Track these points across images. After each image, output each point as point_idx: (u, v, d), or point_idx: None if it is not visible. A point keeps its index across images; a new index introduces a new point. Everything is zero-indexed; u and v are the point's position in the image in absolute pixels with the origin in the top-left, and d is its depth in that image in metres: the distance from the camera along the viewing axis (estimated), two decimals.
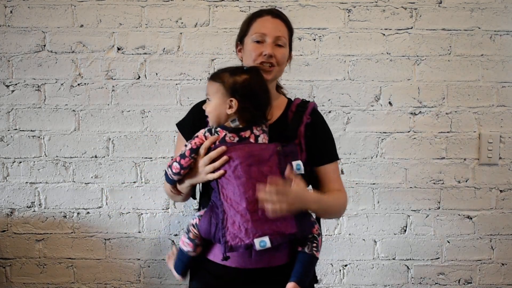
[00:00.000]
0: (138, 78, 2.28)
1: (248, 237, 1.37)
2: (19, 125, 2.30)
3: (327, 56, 2.28)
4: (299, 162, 1.46)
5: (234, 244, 1.38)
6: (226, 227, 1.40)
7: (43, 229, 2.34)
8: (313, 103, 1.63)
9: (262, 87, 1.48)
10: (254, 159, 1.41)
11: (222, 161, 1.42)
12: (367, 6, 2.27)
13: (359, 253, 2.36)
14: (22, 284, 2.36)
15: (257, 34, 1.55)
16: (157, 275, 2.36)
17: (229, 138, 1.45)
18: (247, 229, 1.37)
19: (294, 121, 1.57)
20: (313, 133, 1.58)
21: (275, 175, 1.39)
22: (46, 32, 2.26)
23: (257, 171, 1.40)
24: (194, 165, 1.48)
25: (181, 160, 1.47)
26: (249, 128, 1.46)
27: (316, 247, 1.48)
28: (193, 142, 1.48)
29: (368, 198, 2.33)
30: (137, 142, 2.30)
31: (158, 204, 2.33)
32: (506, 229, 2.36)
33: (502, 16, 2.27)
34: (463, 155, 2.32)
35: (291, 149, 1.47)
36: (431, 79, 2.29)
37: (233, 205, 1.40)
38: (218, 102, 1.46)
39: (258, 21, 1.58)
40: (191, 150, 1.47)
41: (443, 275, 2.37)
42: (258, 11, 1.62)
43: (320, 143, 1.60)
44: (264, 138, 1.47)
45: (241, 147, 1.42)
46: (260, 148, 1.43)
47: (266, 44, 1.54)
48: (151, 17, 2.26)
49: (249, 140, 1.45)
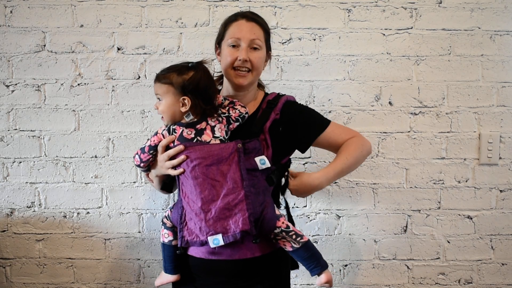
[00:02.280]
0: (138, 78, 2.28)
1: (202, 234, 1.44)
2: (19, 125, 2.30)
3: (327, 56, 2.28)
4: (262, 157, 1.51)
5: (190, 239, 1.46)
6: (184, 221, 1.47)
7: (43, 229, 2.34)
8: (286, 97, 1.67)
9: (209, 81, 1.53)
10: (213, 159, 1.46)
11: (180, 159, 1.49)
12: (367, 6, 2.27)
13: (359, 253, 2.36)
14: (22, 284, 2.36)
15: (232, 38, 1.60)
16: (157, 275, 2.35)
17: (186, 133, 1.51)
18: (200, 227, 1.44)
19: (261, 118, 1.61)
20: (288, 124, 1.62)
21: (235, 173, 1.46)
22: (46, 32, 2.26)
23: (216, 170, 1.45)
24: (154, 159, 1.57)
25: (141, 154, 1.58)
26: (204, 120, 1.52)
27: (296, 235, 1.52)
28: (152, 139, 1.56)
29: (368, 198, 2.33)
30: (137, 142, 2.30)
31: (158, 204, 2.33)
32: (506, 229, 2.36)
33: (502, 16, 2.27)
34: (463, 155, 2.32)
35: (254, 145, 1.51)
36: (431, 79, 2.29)
37: (190, 203, 1.47)
38: (170, 102, 1.51)
39: (233, 25, 1.62)
40: (150, 147, 1.56)
41: (443, 275, 2.37)
42: (233, 15, 1.66)
43: (303, 124, 1.65)
44: (220, 128, 1.52)
45: (200, 147, 1.48)
46: (219, 148, 1.48)
47: (241, 49, 1.58)
48: (151, 17, 2.26)
49: (206, 131, 1.51)
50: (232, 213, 1.43)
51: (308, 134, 1.67)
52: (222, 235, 1.42)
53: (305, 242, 1.52)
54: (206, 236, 1.43)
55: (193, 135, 1.51)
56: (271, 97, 1.68)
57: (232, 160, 1.47)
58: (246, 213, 1.43)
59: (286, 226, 1.52)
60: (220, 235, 1.42)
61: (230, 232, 1.43)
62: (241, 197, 1.44)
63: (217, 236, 1.42)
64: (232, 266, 1.53)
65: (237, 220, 1.43)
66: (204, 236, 1.43)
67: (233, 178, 1.45)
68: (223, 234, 1.43)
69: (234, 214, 1.43)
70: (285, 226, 1.52)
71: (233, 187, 1.45)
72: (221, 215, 1.43)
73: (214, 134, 1.51)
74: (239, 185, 1.45)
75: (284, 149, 1.65)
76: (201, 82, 1.50)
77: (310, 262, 1.54)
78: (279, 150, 1.61)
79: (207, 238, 1.43)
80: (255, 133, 1.57)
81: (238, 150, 1.48)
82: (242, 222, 1.42)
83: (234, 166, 1.46)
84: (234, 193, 1.44)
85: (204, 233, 1.43)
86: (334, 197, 2.33)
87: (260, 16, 1.68)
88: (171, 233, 1.59)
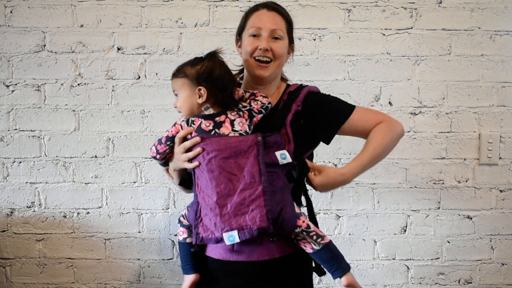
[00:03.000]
0: (138, 78, 2.28)
1: (217, 231, 1.38)
2: (19, 125, 2.30)
3: (327, 56, 2.28)
4: (283, 151, 1.44)
5: (205, 236, 1.40)
6: (200, 217, 1.41)
7: (43, 229, 2.34)
8: (308, 88, 1.59)
9: (224, 69, 1.49)
10: (231, 151, 1.40)
11: (195, 152, 1.43)
12: (367, 6, 2.27)
13: (359, 253, 2.36)
14: (22, 284, 2.36)
15: (253, 28, 1.55)
16: (157, 275, 2.36)
17: (205, 125, 1.46)
18: (215, 223, 1.38)
19: (282, 110, 1.54)
20: (311, 116, 1.55)
21: (253, 167, 1.39)
22: (46, 32, 2.26)
23: (233, 163, 1.39)
24: (171, 152, 1.52)
25: (158, 145, 1.53)
26: (223, 113, 1.47)
27: (317, 235, 1.45)
28: (169, 130, 1.51)
29: (368, 198, 2.33)
30: (137, 142, 2.30)
31: (158, 204, 2.33)
32: (506, 229, 2.35)
33: (502, 16, 2.27)
34: (463, 155, 2.32)
35: (275, 139, 1.45)
36: (431, 79, 2.29)
37: (205, 198, 1.40)
38: (186, 95, 1.48)
39: (254, 15, 1.57)
40: (167, 138, 1.51)
41: (443, 275, 2.37)
42: (255, 6, 1.61)
43: (325, 114, 1.57)
44: (241, 122, 1.46)
45: (218, 139, 1.42)
46: (238, 140, 1.42)
47: (262, 38, 1.53)
48: (151, 17, 2.26)
49: (225, 124, 1.45)
50: (249, 209, 1.36)
51: (330, 124, 1.58)
52: (238, 231, 1.35)
53: (326, 243, 1.45)
54: (221, 232, 1.36)
55: (211, 127, 1.45)
56: (292, 88, 1.60)
57: (251, 153, 1.40)
58: (264, 210, 1.35)
59: (307, 225, 1.45)
60: (235, 232, 1.35)
61: (246, 229, 1.35)
62: (259, 193, 1.36)
63: (233, 232, 1.35)
64: (251, 267, 1.46)
65: (254, 216, 1.35)
66: (219, 233, 1.36)
67: (251, 172, 1.38)
68: (239, 231, 1.35)
69: (251, 210, 1.35)
70: (306, 225, 1.44)
71: (251, 182, 1.37)
72: (237, 211, 1.36)
73: (234, 128, 1.45)
74: (257, 179, 1.37)
75: (306, 142, 1.57)
76: (215, 70, 1.45)
77: (331, 265, 1.47)
78: (301, 143, 1.53)
79: (222, 235, 1.36)
80: (276, 126, 1.50)
81: (258, 143, 1.41)
82: (259, 219, 1.35)
83: (252, 160, 1.39)
84: (251, 188, 1.37)
85: (219, 229, 1.36)
86: (334, 197, 2.33)
87: (282, 7, 1.62)
88: (186, 230, 1.54)
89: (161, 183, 2.31)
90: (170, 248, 2.34)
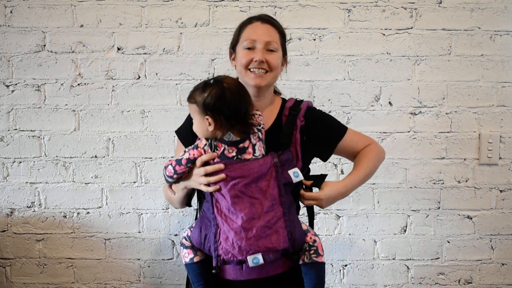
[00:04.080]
0: (138, 78, 2.28)
1: (241, 254, 1.38)
2: (19, 125, 2.30)
3: (327, 56, 2.28)
4: (296, 170, 1.46)
5: (226, 258, 1.40)
6: (219, 241, 1.40)
7: (43, 229, 2.34)
8: (306, 103, 1.61)
9: (232, 96, 1.43)
10: (253, 177, 1.41)
11: (218, 178, 1.42)
12: (367, 6, 2.27)
13: (359, 253, 2.36)
14: (22, 284, 2.36)
15: (248, 40, 1.54)
16: (157, 275, 2.36)
17: (228, 151, 1.44)
18: (240, 246, 1.38)
19: (287, 126, 1.55)
20: (311, 131, 1.57)
21: (274, 189, 1.41)
22: (46, 32, 2.26)
23: (255, 187, 1.40)
24: (189, 172, 1.49)
25: (177, 166, 1.48)
26: (247, 138, 1.45)
27: (315, 252, 1.47)
28: (191, 152, 1.47)
29: (368, 198, 2.33)
30: (137, 142, 2.30)
31: (158, 204, 2.33)
32: (506, 229, 2.35)
33: (502, 16, 2.27)
34: (463, 155, 2.32)
35: (287, 157, 1.46)
36: (431, 79, 2.29)
37: (228, 221, 1.40)
38: (198, 121, 1.46)
39: (248, 28, 1.57)
40: (188, 160, 1.47)
41: (443, 275, 2.37)
42: (248, 19, 1.61)
43: (324, 131, 1.60)
44: (260, 146, 1.46)
45: (240, 166, 1.42)
46: (259, 165, 1.42)
47: (256, 50, 1.53)
48: (151, 17, 2.26)
49: (248, 150, 1.44)
50: (273, 231, 1.38)
51: (329, 141, 1.62)
52: (263, 254, 1.37)
53: (317, 262, 1.47)
54: (245, 255, 1.38)
55: (235, 153, 1.44)
56: (290, 103, 1.61)
57: (271, 176, 1.41)
58: (285, 231, 1.39)
59: (313, 241, 1.48)
60: (260, 254, 1.37)
61: (271, 251, 1.38)
62: (280, 215, 1.40)
63: (257, 255, 1.37)
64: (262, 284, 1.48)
65: (278, 238, 1.38)
66: (243, 255, 1.38)
67: (272, 194, 1.40)
68: (264, 253, 1.37)
69: (275, 232, 1.38)
70: (312, 241, 1.47)
71: (272, 204, 1.40)
72: (262, 234, 1.38)
73: (254, 153, 1.45)
74: (277, 202, 1.40)
75: (308, 159, 1.61)
76: (219, 98, 1.41)
77: (309, 281, 1.48)
78: (305, 160, 1.57)
79: (246, 257, 1.38)
80: (285, 144, 1.51)
81: (276, 165, 1.43)
82: (282, 240, 1.38)
83: (272, 182, 1.41)
84: (273, 211, 1.39)
85: (244, 252, 1.38)
86: None
87: (276, 19, 1.63)
88: (190, 251, 1.51)
89: (161, 183, 2.31)
90: (170, 248, 2.34)
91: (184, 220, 2.33)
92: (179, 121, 2.28)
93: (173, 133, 2.28)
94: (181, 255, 1.55)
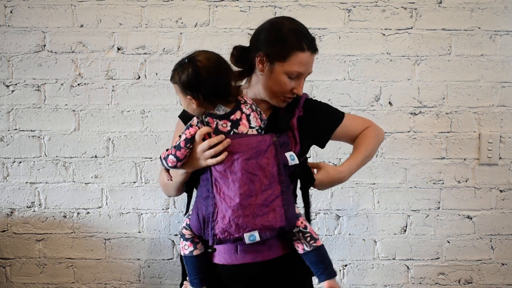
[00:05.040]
0: (138, 78, 2.28)
1: (238, 232, 1.38)
2: (19, 125, 2.30)
3: (327, 56, 2.28)
4: (291, 153, 1.47)
5: (223, 237, 1.40)
6: (216, 220, 1.40)
7: (43, 229, 2.34)
8: (305, 95, 1.63)
9: (205, 72, 1.40)
10: (252, 152, 1.40)
11: (225, 143, 1.40)
12: (367, 6, 2.27)
13: (359, 253, 2.36)
14: (22, 284, 2.36)
15: (296, 72, 1.50)
16: (157, 275, 2.36)
17: (221, 126, 1.43)
18: (237, 224, 1.38)
19: (286, 113, 1.57)
20: (309, 120, 1.59)
21: (273, 167, 1.41)
22: (46, 32, 2.26)
23: (255, 164, 1.40)
24: (190, 155, 1.46)
25: (177, 152, 1.45)
26: (238, 109, 1.44)
27: (311, 238, 1.47)
28: (187, 132, 1.45)
29: (368, 198, 2.33)
30: (137, 142, 2.30)
31: (158, 204, 2.33)
32: (506, 229, 2.36)
33: (502, 16, 2.27)
34: (463, 155, 2.32)
35: (284, 140, 1.48)
36: (431, 79, 2.29)
37: (226, 199, 1.40)
38: (183, 101, 1.46)
39: (299, 56, 1.48)
40: (186, 140, 1.44)
41: (443, 275, 2.37)
42: (303, 42, 1.50)
43: (321, 119, 1.63)
44: (255, 117, 1.46)
45: (239, 141, 1.41)
46: (258, 140, 1.42)
47: (299, 82, 1.53)
48: (151, 17, 2.26)
49: (242, 121, 1.44)
50: (269, 209, 1.39)
51: (326, 129, 1.65)
52: (259, 231, 1.38)
53: (317, 246, 1.48)
54: (242, 232, 1.38)
55: (229, 127, 1.44)
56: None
57: (271, 153, 1.42)
58: (282, 209, 1.40)
59: (304, 226, 1.47)
60: (256, 232, 1.38)
61: (267, 229, 1.38)
62: (278, 193, 1.40)
63: (254, 232, 1.37)
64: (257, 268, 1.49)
65: (275, 216, 1.39)
66: (240, 233, 1.38)
67: (271, 172, 1.40)
68: (260, 231, 1.38)
69: (272, 210, 1.39)
70: (303, 226, 1.47)
71: (270, 182, 1.40)
72: (258, 212, 1.38)
73: (250, 124, 1.45)
74: (276, 180, 1.41)
75: (307, 147, 1.63)
76: (195, 78, 1.40)
77: (317, 268, 1.49)
78: (304, 148, 1.59)
79: (243, 235, 1.38)
80: (283, 128, 1.53)
81: (275, 143, 1.43)
82: (279, 218, 1.39)
83: (272, 160, 1.41)
84: (271, 189, 1.40)
85: (241, 230, 1.38)
86: (334, 197, 2.33)
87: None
88: (190, 243, 1.50)
89: None
90: (170, 248, 2.34)
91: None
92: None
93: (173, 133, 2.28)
94: (179, 246, 1.54)
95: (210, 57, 1.44)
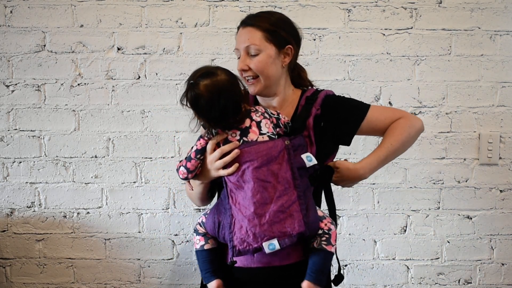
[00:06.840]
0: (138, 78, 2.28)
1: (256, 241, 1.35)
2: (19, 125, 2.30)
3: (327, 56, 2.28)
4: (308, 154, 1.42)
5: (242, 248, 1.37)
6: (233, 231, 1.38)
7: (43, 229, 2.34)
8: (325, 92, 1.57)
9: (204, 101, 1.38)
10: (263, 159, 1.38)
11: (234, 154, 1.39)
12: (367, 6, 2.27)
13: (359, 253, 2.36)
14: (22, 284, 2.36)
15: (235, 50, 1.54)
16: (157, 275, 2.36)
17: (231, 136, 1.42)
18: (255, 233, 1.35)
19: (302, 114, 1.52)
20: (329, 118, 1.53)
21: (286, 172, 1.37)
22: (46, 32, 2.26)
23: (266, 171, 1.37)
24: (202, 166, 1.45)
25: (187, 163, 1.44)
26: (248, 117, 1.43)
27: (326, 240, 1.43)
28: (198, 143, 1.45)
29: (368, 198, 2.33)
30: (137, 142, 2.30)
31: (158, 204, 2.33)
32: (506, 229, 2.36)
33: (502, 16, 2.27)
34: (463, 155, 2.32)
35: (299, 142, 1.43)
36: (431, 79, 2.29)
37: (241, 209, 1.38)
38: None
39: (236, 36, 1.55)
40: (197, 151, 1.44)
41: (443, 275, 2.37)
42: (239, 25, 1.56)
43: (343, 116, 1.56)
44: (267, 124, 1.44)
45: (248, 150, 1.39)
46: (268, 147, 1.39)
47: (242, 59, 1.51)
48: (151, 17, 2.26)
49: (252, 129, 1.42)
50: (287, 215, 1.35)
51: (349, 125, 1.56)
52: (278, 239, 1.34)
53: (325, 249, 1.43)
54: (261, 242, 1.34)
55: (238, 136, 1.42)
56: (309, 93, 1.57)
57: (283, 158, 1.38)
58: (301, 215, 1.35)
59: (328, 228, 1.44)
60: (275, 240, 1.34)
61: (286, 236, 1.34)
62: (294, 198, 1.36)
63: (273, 241, 1.34)
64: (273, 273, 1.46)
65: (293, 222, 1.34)
66: (258, 243, 1.35)
67: (284, 178, 1.37)
68: (279, 238, 1.34)
69: (289, 216, 1.35)
70: (327, 228, 1.44)
71: (285, 188, 1.36)
72: (275, 219, 1.34)
73: (261, 131, 1.42)
74: (291, 185, 1.37)
75: (327, 146, 1.55)
76: (193, 105, 1.40)
77: (312, 268, 1.44)
78: (323, 147, 1.52)
79: (262, 244, 1.34)
80: (298, 129, 1.48)
81: (287, 147, 1.39)
82: (297, 224, 1.34)
83: (285, 165, 1.37)
84: (286, 194, 1.36)
85: (259, 239, 1.35)
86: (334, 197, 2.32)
87: (260, 16, 1.55)
88: (202, 238, 1.49)
89: (161, 183, 2.31)
90: (170, 248, 2.35)
91: (184, 220, 2.33)
92: (179, 121, 2.30)
93: (173, 133, 2.28)
94: (192, 241, 1.54)
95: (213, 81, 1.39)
